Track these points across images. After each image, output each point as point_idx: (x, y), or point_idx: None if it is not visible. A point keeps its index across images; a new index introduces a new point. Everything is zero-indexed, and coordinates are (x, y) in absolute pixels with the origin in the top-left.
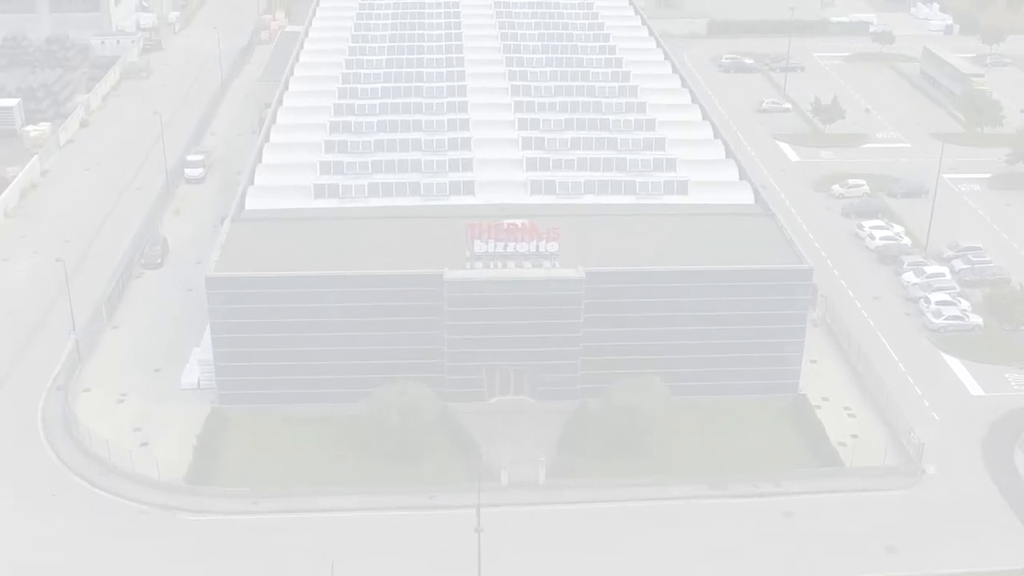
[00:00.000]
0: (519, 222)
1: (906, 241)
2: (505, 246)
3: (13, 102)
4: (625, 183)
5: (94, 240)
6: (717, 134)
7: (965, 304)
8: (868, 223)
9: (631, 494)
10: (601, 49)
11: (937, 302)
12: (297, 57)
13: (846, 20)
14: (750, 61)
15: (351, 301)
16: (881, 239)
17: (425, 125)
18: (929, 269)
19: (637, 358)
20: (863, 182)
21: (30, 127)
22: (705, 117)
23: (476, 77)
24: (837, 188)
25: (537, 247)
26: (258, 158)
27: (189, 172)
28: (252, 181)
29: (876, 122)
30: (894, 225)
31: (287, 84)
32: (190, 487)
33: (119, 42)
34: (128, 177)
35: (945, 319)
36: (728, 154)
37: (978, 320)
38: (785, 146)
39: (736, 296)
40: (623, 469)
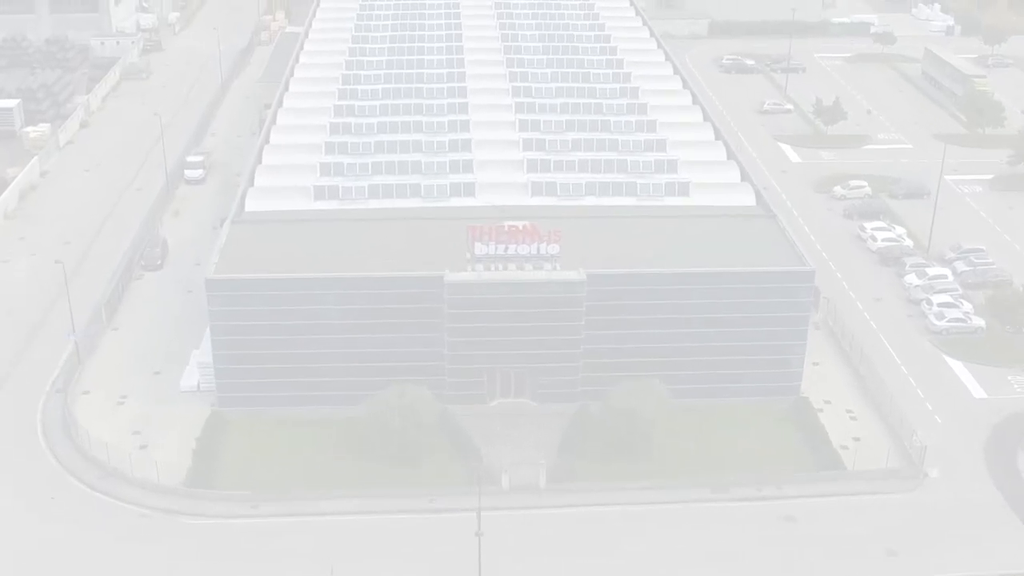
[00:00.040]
0: (520, 224)
1: (908, 243)
2: (506, 248)
3: (13, 103)
4: (626, 184)
5: (94, 241)
6: (718, 135)
7: (967, 306)
8: (870, 225)
9: (632, 497)
10: (602, 50)
11: (939, 304)
12: (297, 58)
13: (847, 21)
14: (751, 62)
15: (351, 303)
16: (883, 241)
17: (425, 126)
18: (931, 271)
19: (638, 360)
20: (865, 183)
21: (30, 128)
22: (706, 118)
23: (477, 78)
24: (839, 189)
25: (538, 249)
26: (258, 159)
27: (189, 173)
28: (252, 182)
29: (878, 123)
30: (896, 227)
31: (287, 85)
32: (189, 490)
33: (119, 43)
34: (128, 178)
35: (947, 321)
36: (729, 155)
37: (980, 322)
38: (786, 147)
39: (738, 298)
40: (624, 472)
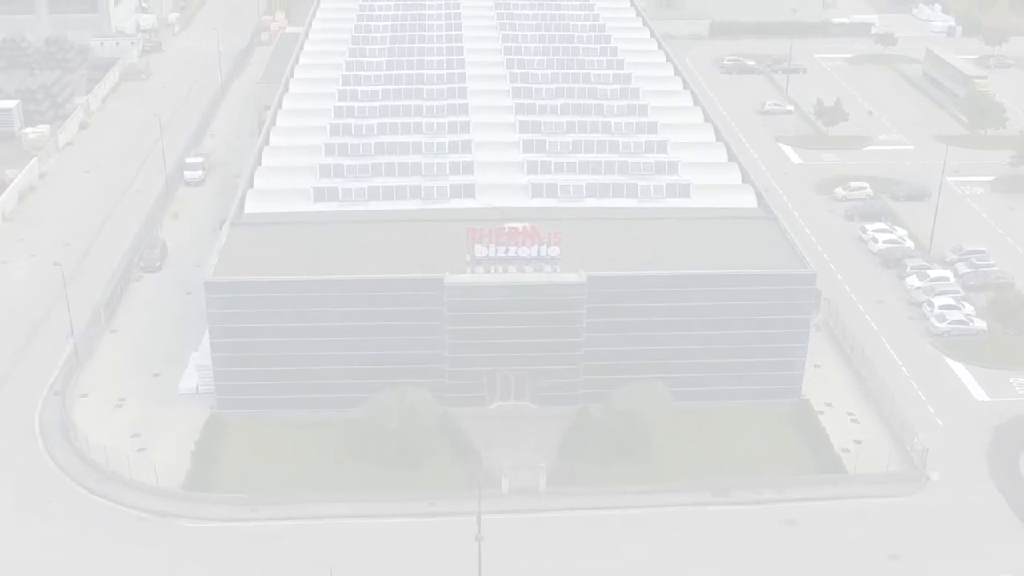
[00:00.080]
0: (520, 226)
1: (909, 244)
2: (506, 250)
3: (12, 104)
4: (627, 186)
5: (93, 243)
6: (719, 136)
7: (969, 308)
8: (871, 226)
9: (632, 500)
10: (602, 51)
11: (941, 306)
12: (297, 59)
13: (848, 22)
14: (752, 63)
15: (351, 305)
16: (884, 242)
17: (425, 128)
18: (933, 273)
19: (639, 363)
20: (866, 185)
21: (29, 129)
22: (707, 119)
23: (477, 79)
24: (840, 191)
25: (538, 251)
26: (257, 161)
27: (188, 175)
28: (251, 184)
29: (879, 124)
30: (897, 228)
31: (287, 86)
32: (188, 493)
33: (118, 43)
34: (127, 179)
35: (949, 323)
36: (730, 157)
37: (982, 324)
38: (787, 148)
39: (739, 300)
40: (624, 475)
